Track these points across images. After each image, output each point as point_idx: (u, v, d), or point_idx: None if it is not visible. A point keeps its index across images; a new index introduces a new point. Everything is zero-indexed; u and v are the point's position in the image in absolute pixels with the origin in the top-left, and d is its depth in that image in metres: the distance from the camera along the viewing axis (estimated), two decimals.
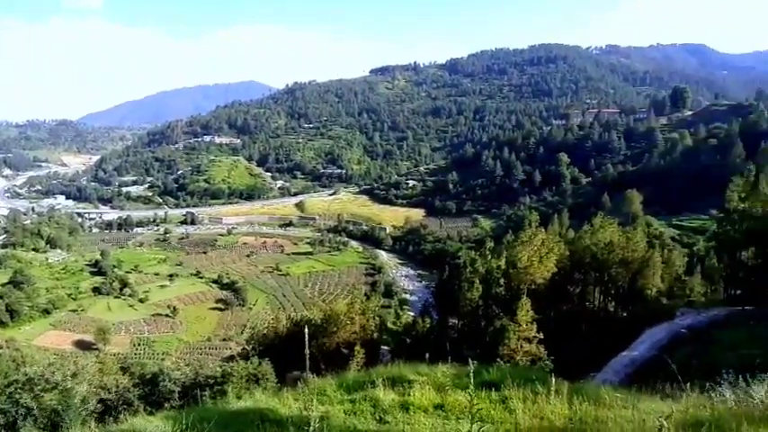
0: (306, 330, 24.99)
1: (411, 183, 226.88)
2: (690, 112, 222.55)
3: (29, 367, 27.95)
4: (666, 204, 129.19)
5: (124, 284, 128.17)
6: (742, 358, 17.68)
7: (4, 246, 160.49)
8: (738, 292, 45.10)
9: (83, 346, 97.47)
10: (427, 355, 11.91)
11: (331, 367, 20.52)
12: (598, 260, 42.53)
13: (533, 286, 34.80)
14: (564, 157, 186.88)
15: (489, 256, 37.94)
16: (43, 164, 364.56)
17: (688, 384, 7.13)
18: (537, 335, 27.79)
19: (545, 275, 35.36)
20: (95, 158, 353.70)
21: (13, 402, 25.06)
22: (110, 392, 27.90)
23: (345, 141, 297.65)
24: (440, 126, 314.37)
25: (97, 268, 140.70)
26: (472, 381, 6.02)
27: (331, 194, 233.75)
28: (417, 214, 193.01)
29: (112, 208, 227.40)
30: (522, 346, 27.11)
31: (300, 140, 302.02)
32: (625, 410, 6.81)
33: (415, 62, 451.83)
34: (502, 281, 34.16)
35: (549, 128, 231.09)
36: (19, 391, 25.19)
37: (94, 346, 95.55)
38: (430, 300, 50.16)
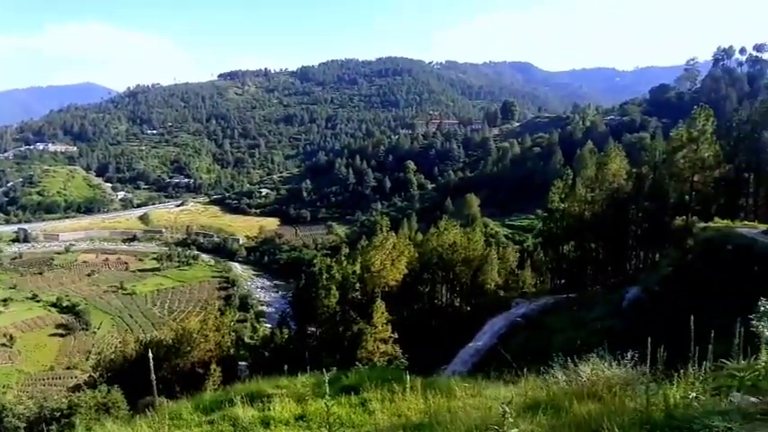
0: (151, 353, 23.76)
1: (264, 191, 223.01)
2: (518, 124, 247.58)
3: None
4: (500, 206, 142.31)
5: None
6: (569, 340, 19.85)
7: None
8: (563, 281, 50.69)
9: None
10: (286, 367, 11.89)
11: (186, 389, 19.74)
12: (444, 260, 45.58)
13: (387, 289, 36.14)
14: (411, 165, 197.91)
15: (345, 262, 38.65)
16: None
17: (526, 369, 7.89)
18: (392, 335, 28.92)
19: (397, 278, 36.93)
20: None
21: None
22: None
23: (193, 149, 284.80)
24: (292, 134, 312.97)
25: None
26: (328, 389, 6.20)
27: (178, 205, 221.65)
28: (272, 223, 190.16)
29: None
30: (379, 348, 28.04)
31: (144, 148, 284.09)
32: (473, 399, 7.38)
33: (265, 68, 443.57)
34: (357, 285, 35.00)
35: (396, 137, 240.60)
36: None
37: None
38: (287, 310, 49.88)
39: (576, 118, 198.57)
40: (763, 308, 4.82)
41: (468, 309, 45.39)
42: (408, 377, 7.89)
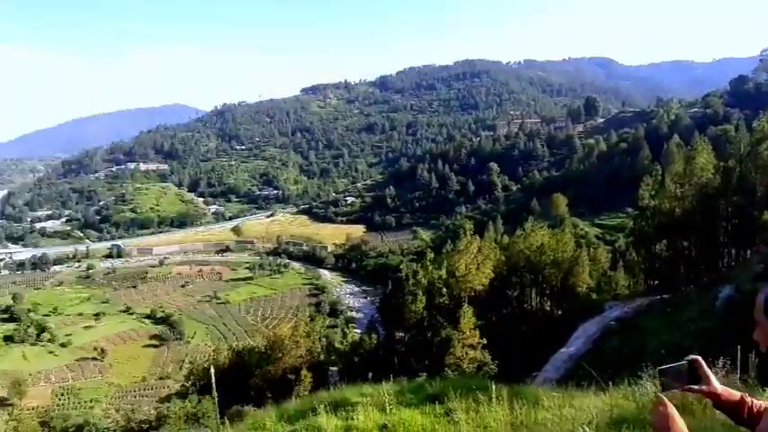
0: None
1: (349, 199, 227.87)
2: (602, 120, 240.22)
3: None
4: (588, 205, 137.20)
5: (42, 329, 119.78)
6: (663, 344, 18.88)
7: None
8: (656, 282, 48.26)
9: None
10: (370, 375, 11.88)
11: (277, 396, 20.20)
12: (532, 263, 44.44)
13: (474, 293, 35.61)
14: (494, 167, 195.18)
15: (430, 267, 38.43)
16: None
17: (618, 377, 7.46)
18: (481, 341, 28.41)
19: (483, 282, 36.31)
20: (2, 193, 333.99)
21: None
22: None
23: (280, 161, 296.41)
24: (374, 142, 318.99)
25: (9, 314, 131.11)
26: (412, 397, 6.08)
27: (268, 216, 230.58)
28: (358, 230, 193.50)
29: (25, 246, 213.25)
30: (467, 354, 27.60)
31: (233, 163, 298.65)
32: (561, 410, 7.04)
33: (345, 80, 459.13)
34: (444, 290, 34.70)
35: (478, 139, 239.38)
36: None
37: (8, 402, 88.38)
38: (375, 315, 50.25)
39: (660, 112, 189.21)
40: None
41: (560, 313, 44.17)
42: (494, 386, 7.63)
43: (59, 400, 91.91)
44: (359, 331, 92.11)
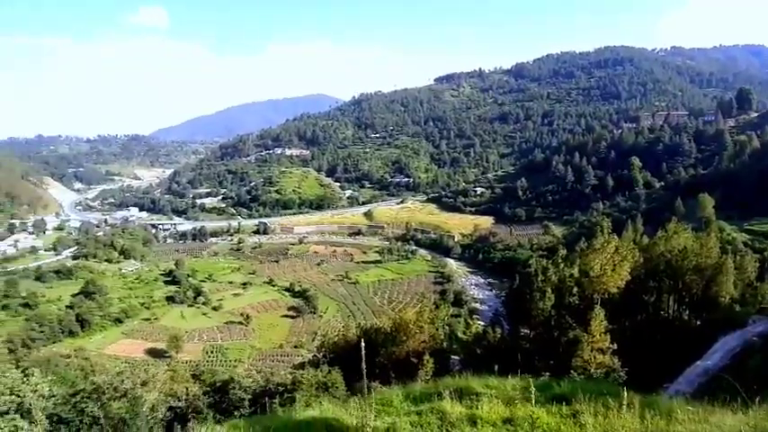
0: (362, 343, 25.24)
1: (479, 190, 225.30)
2: (756, 114, 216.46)
3: (97, 376, 29.46)
4: (737, 208, 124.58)
5: (198, 293, 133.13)
6: None
7: (76, 257, 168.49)
8: None
9: (155, 354, 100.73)
10: (496, 368, 11.81)
11: (400, 376, 20.66)
12: (672, 267, 41.01)
13: (607, 295, 33.76)
14: (636, 161, 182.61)
15: (562, 265, 36.98)
16: (116, 177, 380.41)
17: (759, 396, 6.87)
18: (611, 346, 26.92)
19: (618, 284, 34.20)
20: (169, 172, 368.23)
21: (78, 412, 26.30)
22: (180, 400, 28.86)
23: (412, 150, 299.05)
24: (507, 132, 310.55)
25: (171, 278, 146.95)
26: (533, 396, 6.03)
27: (399, 203, 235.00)
28: (486, 222, 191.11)
29: (187, 219, 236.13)
30: (595, 358, 26.33)
31: (368, 150, 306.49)
32: (696, 425, 6.63)
33: (479, 68, 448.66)
34: (575, 290, 33.26)
35: (619, 131, 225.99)
36: (85, 400, 26.50)
37: (167, 354, 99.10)
38: (500, 309, 49.42)
39: None
40: None
41: (698, 323, 40.57)
42: (625, 393, 7.33)
43: (209, 356, 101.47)
44: (482, 323, 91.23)
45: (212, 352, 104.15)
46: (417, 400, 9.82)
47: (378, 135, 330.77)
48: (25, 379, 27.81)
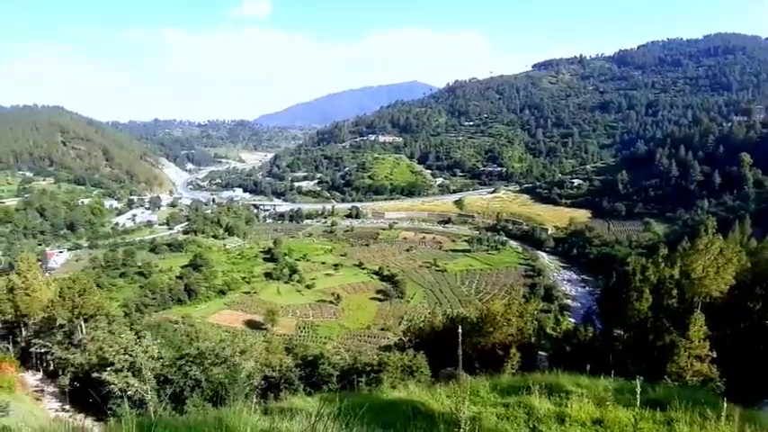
0: (460, 329, 25.16)
1: (576, 182, 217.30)
2: None
3: (201, 342, 31.44)
4: None
5: (293, 271, 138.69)
6: None
7: (186, 232, 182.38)
8: None
9: (253, 325, 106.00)
10: (588, 367, 11.47)
11: (485, 367, 20.50)
12: None
13: (708, 300, 31.61)
14: (746, 157, 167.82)
15: (662, 264, 35.02)
16: (223, 160, 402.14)
17: None
18: (710, 353, 25.28)
19: (722, 288, 31.85)
20: (270, 156, 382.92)
21: (182, 374, 28.29)
22: (274, 371, 30.39)
23: (506, 139, 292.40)
24: (608, 122, 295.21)
25: (270, 255, 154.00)
26: (639, 399, 5.82)
27: (490, 192, 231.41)
28: (582, 215, 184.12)
29: (285, 201, 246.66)
30: (692, 365, 24.83)
31: (460, 138, 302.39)
32: None
33: (580, 55, 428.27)
34: (674, 292, 31.43)
35: (729, 124, 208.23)
36: (189, 363, 28.43)
37: (263, 327, 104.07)
38: (593, 307, 47.75)
39: None
40: None
41: None
42: (725, 404, 6.91)
43: (301, 331, 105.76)
44: (573, 320, 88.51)
45: (304, 328, 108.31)
46: (504, 392, 9.71)
47: (471, 123, 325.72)
48: (138, 341, 30.20)
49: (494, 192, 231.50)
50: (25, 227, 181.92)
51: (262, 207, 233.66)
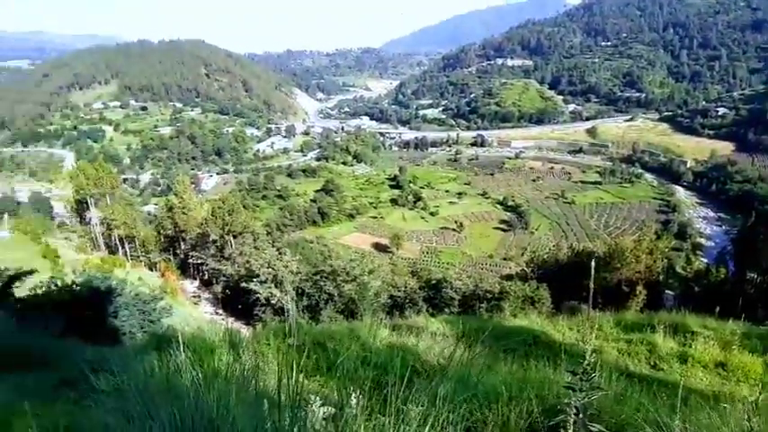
0: (593, 263, 24.89)
1: (721, 110, 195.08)
2: None
3: (333, 260, 33.91)
4: None
5: (418, 198, 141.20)
6: None
7: (318, 159, 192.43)
8: None
9: (379, 248, 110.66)
10: (717, 309, 11.25)
11: (609, 303, 20.40)
12: None
13: None
14: None
15: None
16: (350, 88, 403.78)
17: None
18: None
19: None
20: (395, 83, 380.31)
21: (317, 288, 30.96)
22: (399, 291, 32.21)
23: (646, 61, 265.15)
24: (760, 43, 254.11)
25: (395, 182, 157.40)
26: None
27: (627, 120, 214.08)
28: (725, 148, 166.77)
29: (410, 129, 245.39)
30: None
31: (596, 60, 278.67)
32: None
33: None
34: None
35: None
36: (323, 279, 30.97)
37: (389, 250, 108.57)
38: (728, 247, 44.50)
39: None
40: None
41: None
42: None
43: (424, 256, 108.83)
44: (705, 260, 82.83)
45: (428, 253, 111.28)
46: (628, 328, 9.87)
47: (609, 43, 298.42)
48: (279, 256, 33.35)
49: (630, 120, 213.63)
50: (179, 153, 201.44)
51: (387, 135, 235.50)
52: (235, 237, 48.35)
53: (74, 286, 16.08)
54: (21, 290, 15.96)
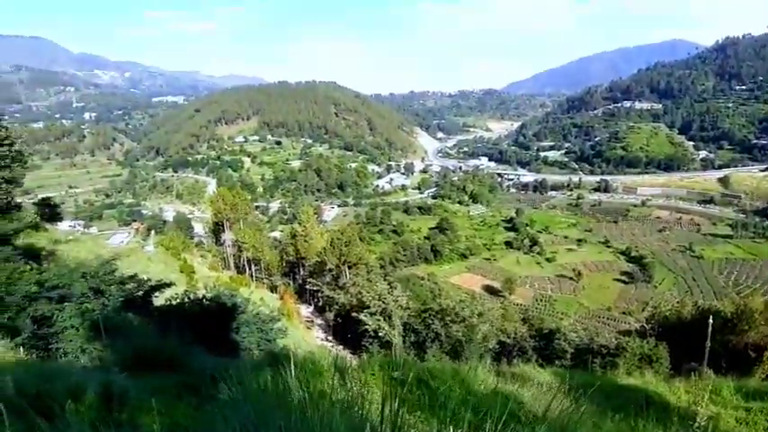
0: (711, 321, 23.11)
1: None
2: None
3: (443, 299, 33.85)
4: None
5: (534, 242, 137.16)
6: None
7: (434, 197, 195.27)
8: None
9: (490, 291, 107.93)
10: None
11: (733, 368, 18.92)
12: None
13: None
14: None
15: None
16: (471, 129, 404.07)
17: None
18: None
19: None
20: (517, 124, 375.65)
21: (425, 326, 31.05)
22: (508, 337, 31.62)
23: None
24: None
25: (511, 225, 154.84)
26: None
27: (763, 170, 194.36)
28: None
29: (530, 171, 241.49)
30: None
31: (730, 105, 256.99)
32: None
33: None
34: None
35: None
36: (432, 317, 31.01)
37: (500, 293, 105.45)
38: None
39: None
40: None
41: None
42: None
43: (537, 303, 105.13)
44: None
45: (541, 300, 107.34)
46: (750, 396, 9.34)
47: (744, 87, 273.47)
48: (390, 290, 34.14)
49: (767, 169, 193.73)
50: (306, 185, 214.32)
51: (506, 176, 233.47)
52: (350, 267, 50.16)
53: (204, 300, 17.76)
54: (158, 299, 17.88)
